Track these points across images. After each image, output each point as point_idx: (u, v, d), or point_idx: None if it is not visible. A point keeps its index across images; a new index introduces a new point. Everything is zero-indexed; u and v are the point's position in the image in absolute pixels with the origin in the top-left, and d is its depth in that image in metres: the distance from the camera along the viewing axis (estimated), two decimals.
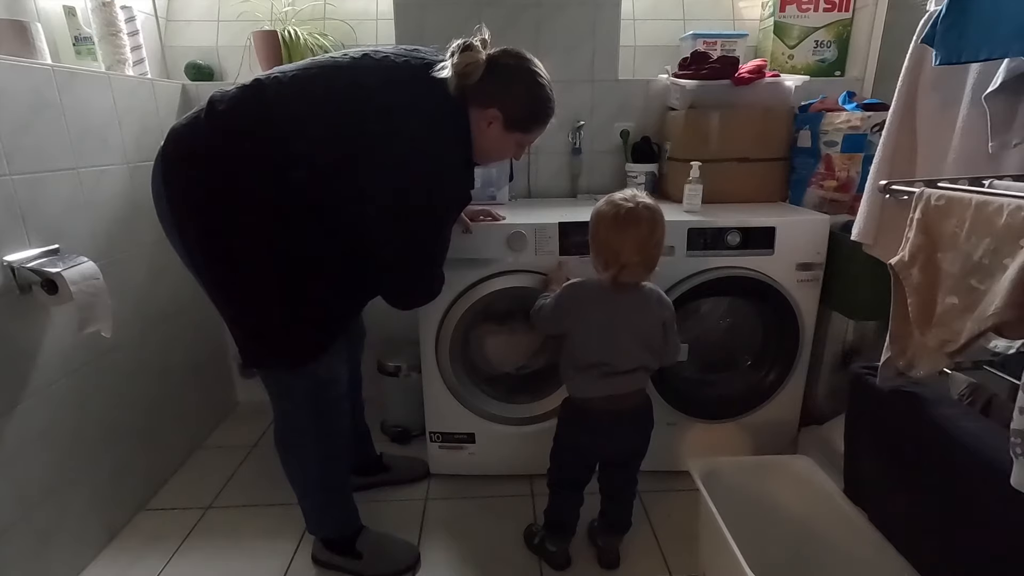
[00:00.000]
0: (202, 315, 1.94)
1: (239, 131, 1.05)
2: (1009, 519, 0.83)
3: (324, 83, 1.08)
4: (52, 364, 1.29)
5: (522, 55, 1.13)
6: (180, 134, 1.08)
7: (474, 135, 1.13)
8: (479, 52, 1.08)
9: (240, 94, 1.07)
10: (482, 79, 1.08)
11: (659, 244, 1.17)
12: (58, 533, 1.31)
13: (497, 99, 1.11)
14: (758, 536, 1.16)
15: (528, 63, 1.13)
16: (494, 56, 1.10)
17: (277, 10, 1.91)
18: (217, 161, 1.05)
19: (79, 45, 1.52)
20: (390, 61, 1.10)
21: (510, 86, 1.12)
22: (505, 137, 1.16)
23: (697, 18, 2.06)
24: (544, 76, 1.14)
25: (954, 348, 0.83)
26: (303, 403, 1.23)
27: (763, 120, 1.69)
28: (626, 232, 1.14)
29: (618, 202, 1.16)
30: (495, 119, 1.13)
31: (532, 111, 1.16)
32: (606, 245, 1.17)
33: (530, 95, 1.14)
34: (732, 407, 1.63)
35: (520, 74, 1.12)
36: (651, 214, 1.15)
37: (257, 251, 1.08)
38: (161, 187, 1.09)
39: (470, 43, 1.08)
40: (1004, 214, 0.76)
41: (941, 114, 1.09)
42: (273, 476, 1.69)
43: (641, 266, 1.16)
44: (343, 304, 1.22)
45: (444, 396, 1.59)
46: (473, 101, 1.11)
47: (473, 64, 1.07)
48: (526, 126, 1.17)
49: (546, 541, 1.38)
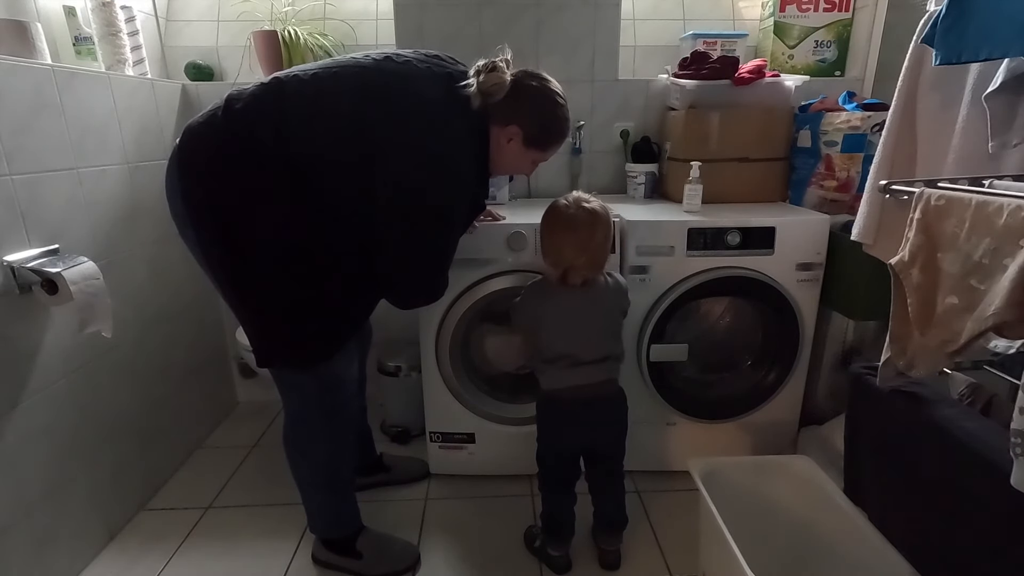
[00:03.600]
0: (202, 315, 1.94)
1: (256, 130, 1.05)
2: (1009, 519, 0.83)
3: (344, 84, 1.08)
4: (52, 364, 1.29)
5: (543, 77, 1.18)
6: (196, 132, 1.08)
7: (492, 150, 1.19)
8: (505, 73, 1.13)
9: (258, 92, 1.07)
10: (505, 98, 1.13)
11: (602, 245, 1.23)
12: (58, 533, 1.31)
13: (518, 118, 1.16)
14: (758, 536, 1.16)
15: (549, 84, 1.18)
16: (518, 78, 1.15)
17: (277, 10, 1.91)
18: (233, 160, 1.05)
19: (79, 45, 1.52)
20: (413, 67, 1.12)
21: (532, 106, 1.17)
22: (523, 154, 1.21)
23: (697, 18, 2.06)
24: (563, 98, 1.19)
25: (954, 348, 0.83)
26: (314, 403, 1.23)
27: (763, 120, 1.69)
28: (565, 235, 1.21)
29: (559, 207, 1.23)
30: (515, 136, 1.17)
31: (551, 131, 1.21)
32: (551, 247, 1.24)
33: (550, 116, 1.19)
34: (732, 407, 1.63)
35: (542, 96, 1.17)
36: (590, 217, 1.20)
37: (272, 250, 1.08)
38: (176, 184, 1.08)
39: (496, 64, 1.13)
40: (1004, 214, 0.76)
41: (941, 114, 1.09)
42: (273, 476, 1.70)
43: (586, 267, 1.22)
44: (357, 304, 1.23)
45: (444, 396, 1.59)
46: (495, 119, 1.16)
47: (499, 85, 1.12)
48: (544, 145, 1.22)
49: (547, 546, 1.38)
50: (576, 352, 1.25)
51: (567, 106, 1.20)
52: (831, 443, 1.48)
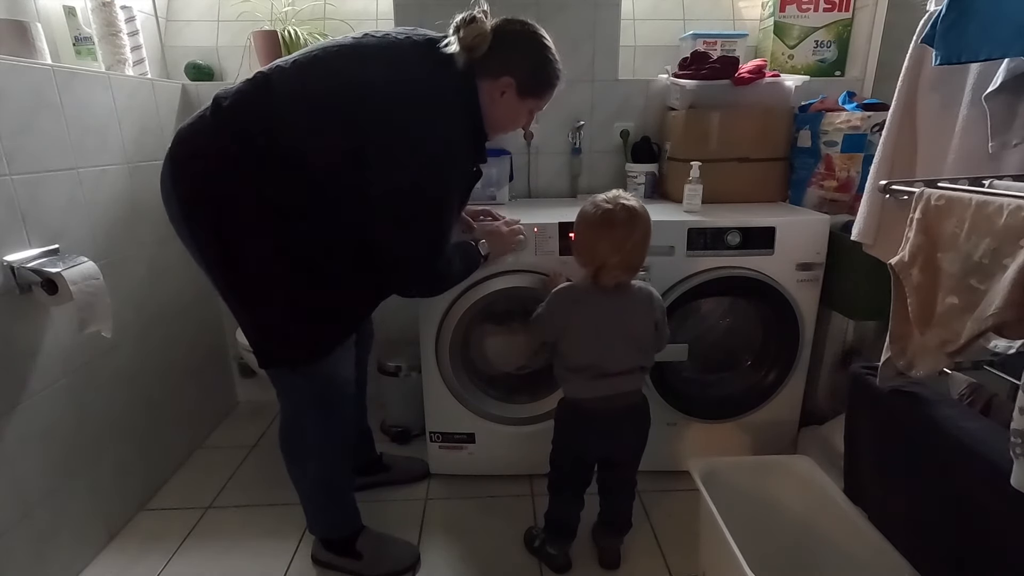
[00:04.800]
0: (202, 315, 1.94)
1: (246, 127, 1.04)
2: (1009, 519, 0.83)
3: (326, 69, 1.06)
4: (52, 364, 1.29)
5: (526, 21, 1.13)
6: (186, 135, 1.08)
7: (485, 108, 1.13)
8: (484, 23, 1.07)
9: (245, 89, 1.07)
10: (489, 50, 1.08)
11: (639, 245, 1.17)
12: (58, 533, 1.31)
13: (509, 67, 1.11)
14: (758, 536, 1.16)
15: (533, 28, 1.13)
16: (499, 25, 1.10)
17: (277, 10, 1.91)
18: (224, 159, 1.05)
19: (79, 45, 1.52)
20: (392, 39, 1.09)
21: (520, 53, 1.12)
22: (519, 105, 1.16)
23: (697, 18, 2.06)
24: (549, 40, 1.14)
25: (954, 348, 0.83)
26: (311, 402, 1.23)
27: (763, 120, 1.69)
28: (602, 233, 1.15)
29: (598, 203, 1.18)
30: (508, 87, 1.12)
31: (544, 75, 1.15)
32: (585, 246, 1.19)
33: (541, 60, 1.14)
34: (732, 407, 1.63)
35: (528, 40, 1.12)
36: (629, 216, 1.15)
37: (267, 249, 1.07)
38: (171, 188, 1.08)
39: (473, 15, 1.07)
40: (1004, 214, 0.76)
41: (941, 114, 1.09)
42: (273, 476, 1.69)
43: (620, 267, 1.17)
44: (354, 302, 1.22)
45: (444, 396, 1.59)
46: (483, 73, 1.11)
47: (480, 36, 1.07)
48: (539, 91, 1.17)
49: (547, 544, 1.38)
50: (603, 363, 1.20)
51: (554, 48, 1.14)
52: (831, 443, 1.47)
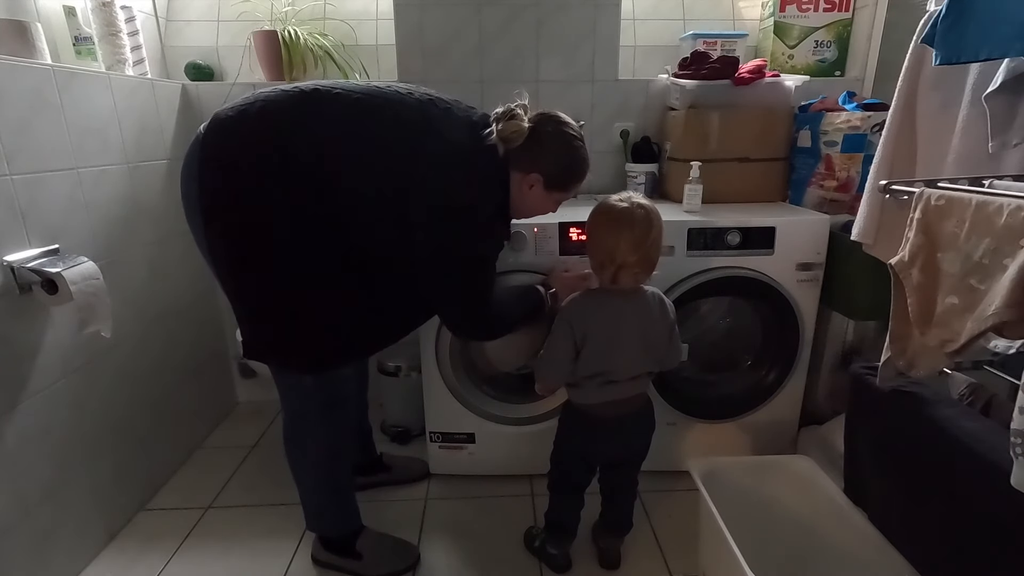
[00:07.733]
0: (202, 315, 1.94)
1: (292, 140, 1.04)
2: (1009, 519, 0.83)
3: (382, 114, 1.08)
4: (52, 364, 1.29)
5: (559, 119, 1.17)
6: (226, 124, 1.06)
7: (514, 195, 1.18)
8: (523, 120, 1.12)
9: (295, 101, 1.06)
10: (523, 145, 1.12)
11: (655, 244, 1.17)
12: (58, 533, 1.31)
13: (538, 165, 1.15)
14: (758, 536, 1.16)
15: (565, 127, 1.17)
16: (534, 123, 1.14)
17: (277, 10, 1.91)
18: (262, 163, 1.03)
19: (79, 45, 1.52)
20: (440, 107, 1.13)
21: (550, 152, 1.15)
22: (545, 197, 1.20)
23: (697, 18, 2.06)
24: (579, 138, 1.18)
25: (954, 348, 0.83)
26: (312, 401, 1.23)
27: (763, 120, 1.69)
28: (620, 232, 1.15)
29: (613, 202, 1.18)
30: (536, 182, 1.16)
31: (571, 172, 1.19)
32: (601, 246, 1.17)
33: (569, 158, 1.18)
34: (732, 407, 1.63)
35: (559, 139, 1.16)
36: (646, 214, 1.15)
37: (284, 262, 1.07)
38: (195, 170, 1.06)
39: (514, 111, 1.12)
40: (1004, 214, 0.76)
41: (941, 114, 1.09)
42: (273, 476, 1.70)
43: (638, 266, 1.16)
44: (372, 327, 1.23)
45: (444, 396, 1.59)
46: (515, 165, 1.15)
47: (517, 132, 1.11)
48: (566, 186, 1.21)
49: (547, 544, 1.38)
50: (612, 371, 1.20)
51: (583, 144, 1.19)
52: (831, 443, 1.47)
